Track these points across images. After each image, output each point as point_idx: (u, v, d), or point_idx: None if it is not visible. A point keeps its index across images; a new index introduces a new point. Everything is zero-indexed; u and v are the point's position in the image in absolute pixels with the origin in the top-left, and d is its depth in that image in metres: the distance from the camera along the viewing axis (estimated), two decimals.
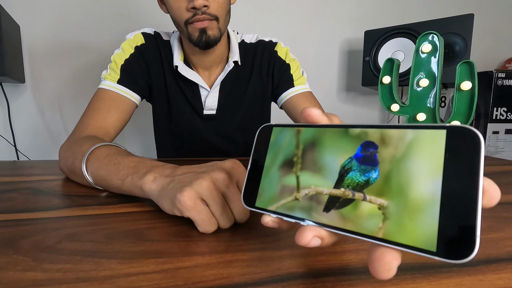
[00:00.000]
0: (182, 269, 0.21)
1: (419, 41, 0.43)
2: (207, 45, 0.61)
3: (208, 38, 0.59)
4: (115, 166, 0.35)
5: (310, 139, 0.20)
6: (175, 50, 0.66)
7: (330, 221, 0.17)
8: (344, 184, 0.17)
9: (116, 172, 0.34)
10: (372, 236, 0.16)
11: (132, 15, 1.30)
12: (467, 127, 0.14)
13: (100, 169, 0.37)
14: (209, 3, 0.56)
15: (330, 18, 1.52)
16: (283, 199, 0.19)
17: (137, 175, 0.32)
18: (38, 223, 0.29)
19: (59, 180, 0.45)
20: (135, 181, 0.31)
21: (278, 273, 0.20)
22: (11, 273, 0.20)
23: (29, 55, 1.22)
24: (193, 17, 0.57)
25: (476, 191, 0.13)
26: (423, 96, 0.44)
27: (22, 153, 1.25)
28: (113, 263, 0.22)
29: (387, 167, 0.16)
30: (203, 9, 0.56)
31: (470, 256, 0.13)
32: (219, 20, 0.59)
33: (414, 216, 0.15)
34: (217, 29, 0.60)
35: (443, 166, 0.14)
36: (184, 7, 0.56)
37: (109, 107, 0.58)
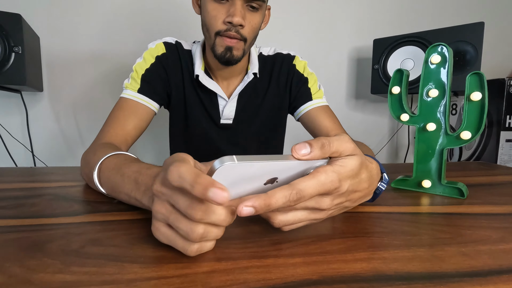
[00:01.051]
0: (200, 274, 0.22)
1: (428, 53, 0.44)
2: (228, 62, 0.63)
3: (231, 57, 0.62)
4: (121, 178, 0.35)
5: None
6: (197, 60, 0.68)
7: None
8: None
9: (123, 186, 0.35)
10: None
11: (146, 26, 1.34)
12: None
13: (110, 181, 0.38)
14: (245, 24, 0.58)
15: (339, 26, 1.53)
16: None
17: (138, 192, 0.32)
18: (62, 228, 0.30)
19: (77, 186, 0.47)
20: (138, 197, 0.32)
21: (292, 279, 0.21)
22: (42, 275, 0.22)
23: (47, 64, 1.27)
24: (225, 31, 0.59)
25: None
26: (433, 106, 0.45)
27: (39, 158, 1.29)
28: (135, 267, 0.23)
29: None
30: (238, 27, 0.58)
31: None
32: (246, 42, 0.62)
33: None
34: (242, 50, 0.63)
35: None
36: (221, 18, 0.58)
37: (128, 115, 0.61)
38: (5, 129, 1.21)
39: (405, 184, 0.48)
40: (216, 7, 0.58)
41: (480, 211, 0.37)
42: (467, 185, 0.47)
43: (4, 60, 0.92)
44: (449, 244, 0.27)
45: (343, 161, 0.26)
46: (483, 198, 0.43)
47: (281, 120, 0.81)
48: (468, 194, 0.44)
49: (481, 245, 0.27)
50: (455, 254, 0.25)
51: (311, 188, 0.24)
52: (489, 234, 0.30)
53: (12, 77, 0.94)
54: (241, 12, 0.58)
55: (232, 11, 0.57)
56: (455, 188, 0.43)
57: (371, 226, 0.32)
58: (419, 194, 0.45)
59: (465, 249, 0.26)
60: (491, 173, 0.62)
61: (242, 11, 0.58)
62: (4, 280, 0.21)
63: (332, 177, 0.25)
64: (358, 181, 0.28)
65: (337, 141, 0.25)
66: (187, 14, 1.36)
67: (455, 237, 0.29)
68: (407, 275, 0.22)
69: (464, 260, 0.24)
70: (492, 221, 0.34)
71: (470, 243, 0.28)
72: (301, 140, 0.28)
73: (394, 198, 0.43)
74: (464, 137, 0.42)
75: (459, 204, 0.40)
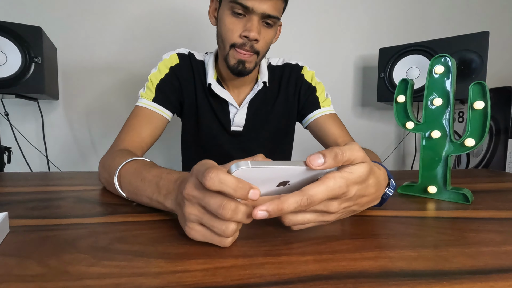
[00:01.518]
0: (220, 269, 0.24)
1: (432, 63, 0.46)
2: (240, 73, 0.66)
3: (244, 69, 0.65)
4: (142, 182, 0.38)
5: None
6: (210, 69, 0.72)
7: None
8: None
9: (144, 189, 0.37)
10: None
11: (158, 37, 1.39)
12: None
13: (131, 185, 0.40)
14: (259, 39, 0.62)
15: (346, 35, 1.56)
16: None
17: (160, 195, 0.34)
18: (88, 227, 0.33)
19: (97, 190, 0.50)
20: (160, 200, 0.34)
21: (305, 274, 0.23)
22: (78, 267, 0.24)
23: (62, 73, 1.32)
24: (241, 45, 0.62)
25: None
26: (438, 115, 0.46)
27: (53, 163, 1.33)
28: (161, 262, 0.25)
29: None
30: (253, 42, 0.62)
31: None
32: (259, 55, 0.65)
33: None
34: (254, 63, 0.66)
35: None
36: (238, 32, 0.61)
37: (144, 123, 0.64)
38: (22, 135, 1.25)
39: (412, 190, 0.49)
40: (234, 21, 0.61)
41: (485, 215, 0.39)
42: (473, 191, 0.48)
43: (25, 70, 0.97)
44: (453, 245, 0.29)
45: (352, 168, 0.28)
46: (488, 204, 0.44)
47: (290, 127, 0.83)
48: (473, 199, 0.45)
49: (484, 246, 0.29)
50: (458, 255, 0.27)
51: (321, 194, 0.26)
52: (492, 237, 0.31)
53: (32, 87, 0.98)
54: (257, 27, 0.60)
55: (249, 26, 0.60)
56: (460, 194, 0.45)
57: (378, 229, 0.33)
58: (425, 200, 0.46)
59: (468, 250, 0.28)
60: (497, 180, 0.63)
61: (258, 27, 0.61)
62: (45, 271, 0.23)
63: (340, 182, 0.26)
64: (366, 186, 0.30)
65: (349, 151, 0.27)
66: (199, 25, 1.41)
67: (459, 239, 0.30)
68: (412, 273, 0.24)
69: (466, 260, 0.26)
70: (496, 225, 0.35)
71: (473, 244, 0.29)
72: (308, 146, 0.31)
73: (401, 203, 0.44)
74: (468, 144, 0.43)
75: (464, 209, 0.41)
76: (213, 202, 0.25)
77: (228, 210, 0.24)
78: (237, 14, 0.61)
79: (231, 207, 0.24)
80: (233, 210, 0.25)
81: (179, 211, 0.30)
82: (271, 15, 0.60)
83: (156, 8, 1.38)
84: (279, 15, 0.63)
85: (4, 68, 0.95)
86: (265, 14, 0.60)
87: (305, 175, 0.28)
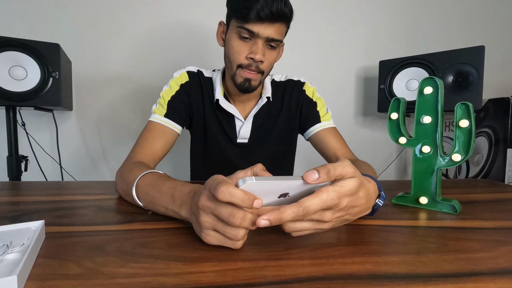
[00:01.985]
0: (229, 271, 0.28)
1: (422, 84, 0.50)
2: (246, 90, 0.72)
3: (249, 86, 0.70)
4: (158, 193, 0.43)
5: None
6: (217, 86, 0.77)
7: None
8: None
9: (160, 199, 0.42)
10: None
11: (166, 51, 1.45)
12: None
13: (148, 195, 0.45)
14: (264, 60, 0.67)
15: (347, 47, 1.61)
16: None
17: (175, 205, 0.39)
18: (113, 234, 0.37)
19: (114, 199, 0.55)
20: (175, 210, 0.39)
21: (302, 276, 0.27)
22: (109, 268, 0.28)
23: (76, 85, 1.39)
24: (247, 65, 0.67)
25: None
26: (427, 131, 0.50)
27: (66, 171, 1.39)
28: (178, 264, 0.29)
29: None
30: (258, 63, 0.67)
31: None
32: (263, 74, 0.71)
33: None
34: (259, 81, 0.71)
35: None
36: (244, 54, 0.67)
37: (156, 137, 0.69)
38: (38, 144, 1.32)
39: (404, 200, 0.53)
40: (241, 44, 0.67)
41: (470, 225, 0.42)
42: (465, 201, 0.52)
43: (43, 84, 1.03)
44: (434, 252, 0.33)
45: (343, 182, 0.32)
46: (475, 214, 0.47)
47: (292, 139, 0.88)
48: (461, 210, 0.48)
49: (462, 253, 0.32)
50: (437, 260, 0.31)
51: (315, 205, 0.30)
52: (471, 245, 0.35)
53: (49, 99, 1.05)
54: (262, 50, 0.66)
55: (255, 49, 0.65)
56: (449, 205, 0.48)
57: (369, 237, 0.37)
58: (417, 210, 0.50)
59: (446, 256, 0.31)
60: (490, 191, 0.66)
61: (263, 49, 0.66)
62: (83, 271, 0.28)
63: (332, 195, 0.31)
64: (356, 198, 0.34)
65: (341, 167, 0.32)
66: (206, 40, 1.47)
67: (440, 246, 0.34)
68: (393, 275, 0.28)
69: (443, 264, 0.30)
70: (478, 234, 0.38)
71: (452, 251, 0.33)
72: (309, 157, 0.36)
73: (394, 213, 0.48)
74: (455, 159, 0.47)
75: (451, 219, 0.45)
76: (224, 212, 0.30)
77: (237, 218, 0.29)
78: (243, 38, 0.66)
79: (239, 215, 0.29)
80: (241, 218, 0.29)
81: (194, 220, 0.34)
82: (274, 39, 0.66)
83: (166, 25, 1.45)
84: (281, 38, 0.68)
85: (25, 83, 1.02)
86: (269, 38, 0.65)
87: (302, 188, 0.32)
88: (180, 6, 1.45)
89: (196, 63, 0.82)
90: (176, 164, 1.52)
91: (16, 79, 1.01)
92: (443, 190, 0.63)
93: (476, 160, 1.37)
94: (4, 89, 0.99)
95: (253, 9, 0.61)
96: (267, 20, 0.62)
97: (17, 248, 0.29)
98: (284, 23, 0.66)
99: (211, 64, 1.41)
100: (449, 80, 1.22)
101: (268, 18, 0.62)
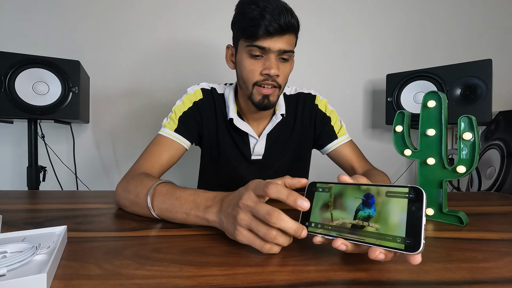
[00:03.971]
0: (238, 275, 0.30)
1: (425, 98, 0.52)
2: (265, 108, 0.71)
3: (268, 103, 0.70)
4: (177, 200, 0.45)
5: (338, 192, 0.34)
6: (231, 104, 0.76)
7: (351, 236, 0.31)
8: (358, 217, 0.31)
9: (180, 206, 0.44)
10: (372, 243, 0.29)
11: (177, 66, 1.51)
12: (418, 187, 0.28)
13: (165, 203, 0.46)
14: (280, 74, 0.67)
15: (354, 60, 1.64)
16: (324, 227, 0.33)
17: (198, 210, 0.42)
18: (129, 239, 0.40)
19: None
20: (199, 214, 0.42)
21: (307, 280, 0.29)
22: (127, 270, 0.30)
23: (93, 99, 1.46)
24: (263, 81, 0.67)
25: (421, 220, 0.27)
26: (432, 143, 0.51)
27: (81, 181, 1.43)
28: (190, 268, 0.31)
29: (379, 208, 0.30)
30: (274, 77, 0.66)
31: (418, 250, 0.26)
32: (280, 89, 0.70)
33: (392, 232, 0.28)
34: (277, 96, 0.71)
35: (407, 207, 0.28)
36: (258, 71, 0.66)
37: (164, 150, 0.69)
38: (56, 155, 1.37)
39: None
40: (253, 62, 0.66)
41: (475, 236, 0.43)
42: (472, 214, 0.52)
43: (64, 99, 1.09)
44: (437, 261, 0.33)
45: None
46: (481, 226, 0.48)
47: (306, 154, 0.88)
48: (468, 222, 0.49)
49: (465, 263, 0.33)
50: (440, 269, 0.31)
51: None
52: (475, 255, 0.35)
53: (68, 113, 1.10)
54: (276, 64, 0.65)
55: (268, 64, 0.65)
56: (455, 216, 0.49)
57: None
58: None
59: (449, 266, 0.32)
60: (499, 204, 0.65)
61: (277, 63, 0.66)
62: (103, 273, 0.30)
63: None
64: None
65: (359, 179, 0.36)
66: (218, 58, 1.52)
67: (444, 256, 0.35)
68: (396, 282, 0.29)
69: (445, 273, 0.31)
70: (483, 245, 0.39)
71: (455, 261, 0.34)
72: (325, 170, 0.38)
73: None
74: (460, 171, 0.48)
75: (457, 231, 0.45)
76: (262, 209, 0.33)
77: (273, 216, 0.32)
78: (255, 56, 0.66)
79: (275, 214, 0.32)
80: (277, 217, 0.32)
81: (225, 220, 0.38)
82: (286, 50, 0.65)
83: (179, 42, 1.51)
84: (293, 49, 0.68)
85: (46, 97, 1.08)
86: (281, 50, 0.65)
87: None
88: (194, 24, 1.52)
89: (209, 79, 0.85)
90: (181, 177, 1.55)
91: (38, 94, 1.08)
92: (453, 202, 0.63)
93: (489, 173, 1.35)
94: (28, 103, 1.05)
95: (261, 25, 0.61)
96: (276, 34, 0.62)
97: (44, 250, 0.31)
98: (293, 33, 0.66)
99: (223, 80, 1.46)
100: (457, 93, 1.22)
101: (277, 32, 0.62)
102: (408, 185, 0.29)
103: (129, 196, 0.52)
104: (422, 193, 0.28)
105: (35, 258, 0.30)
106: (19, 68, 1.04)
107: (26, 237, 0.35)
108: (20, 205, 0.58)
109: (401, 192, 0.29)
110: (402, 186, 0.29)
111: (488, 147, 1.37)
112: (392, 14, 1.64)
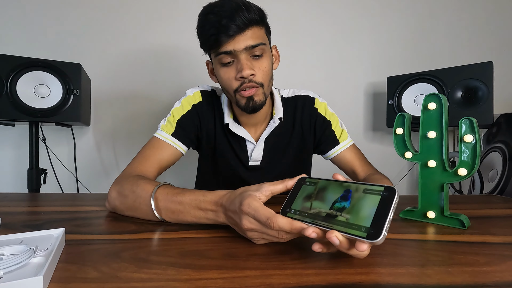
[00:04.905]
0: (237, 278, 0.29)
1: (425, 101, 0.51)
2: (253, 109, 0.68)
3: (255, 104, 0.66)
4: (180, 205, 0.45)
5: (323, 186, 0.37)
6: (225, 110, 0.75)
7: (321, 223, 0.33)
8: (333, 208, 0.34)
9: (186, 211, 0.45)
10: (338, 230, 0.31)
11: (177, 70, 1.52)
12: (393, 187, 0.31)
13: (168, 207, 0.46)
14: (255, 72, 0.63)
15: (355, 63, 1.64)
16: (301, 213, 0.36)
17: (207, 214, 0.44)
18: (127, 242, 0.39)
19: None
20: (210, 217, 0.44)
21: (306, 284, 0.28)
22: (125, 273, 0.30)
23: (94, 101, 1.46)
24: (241, 86, 0.64)
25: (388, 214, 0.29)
26: (433, 146, 0.51)
27: (82, 183, 1.43)
28: (188, 271, 0.31)
29: (354, 202, 0.33)
30: (250, 77, 0.63)
31: (377, 239, 0.28)
32: (264, 86, 0.67)
33: (359, 223, 0.30)
34: (262, 94, 0.67)
35: (378, 202, 0.31)
36: (233, 77, 0.64)
37: (158, 154, 0.67)
38: (57, 158, 1.38)
39: (412, 214, 0.53)
40: (226, 70, 0.65)
41: (477, 240, 0.42)
42: (474, 217, 0.51)
43: (65, 102, 1.09)
44: (439, 265, 0.33)
45: None
46: (483, 229, 0.47)
47: (306, 159, 0.86)
48: (470, 225, 0.48)
49: (467, 267, 0.33)
50: (441, 273, 0.31)
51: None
52: (477, 259, 0.35)
53: (69, 115, 1.10)
54: (248, 64, 0.62)
55: (239, 67, 0.62)
56: (457, 220, 0.48)
57: (375, 249, 0.38)
58: (424, 224, 0.50)
59: (451, 269, 0.32)
60: (501, 207, 0.65)
61: (248, 63, 0.63)
62: (101, 276, 0.29)
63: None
64: None
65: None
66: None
67: (446, 260, 0.35)
68: (397, 285, 0.28)
69: (447, 277, 0.30)
70: (485, 249, 0.38)
71: (457, 265, 0.33)
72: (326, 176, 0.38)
73: (401, 227, 0.48)
74: (461, 173, 0.48)
75: (459, 234, 0.45)
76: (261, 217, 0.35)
77: (273, 224, 0.34)
78: (226, 64, 0.64)
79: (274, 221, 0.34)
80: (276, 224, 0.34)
81: (233, 224, 0.41)
82: (254, 45, 0.62)
83: (180, 45, 1.52)
84: (263, 41, 0.64)
85: (48, 100, 1.08)
86: (248, 47, 0.61)
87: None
88: (194, 27, 1.52)
89: (209, 82, 0.84)
90: (176, 177, 1.54)
91: (40, 97, 1.08)
92: (455, 206, 0.63)
93: (491, 176, 1.34)
94: (29, 106, 1.06)
95: (220, 31, 0.59)
96: (236, 33, 0.60)
97: (41, 252, 0.31)
98: (256, 25, 0.63)
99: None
100: (458, 95, 1.22)
101: (237, 31, 0.60)
102: (385, 185, 0.31)
103: (126, 200, 0.51)
104: (395, 192, 0.30)
105: (32, 261, 0.30)
106: (20, 71, 1.05)
107: (24, 240, 0.35)
108: (19, 208, 0.58)
109: (376, 190, 0.32)
110: (380, 185, 0.32)
111: (490, 150, 1.36)
112: (393, 17, 1.64)
